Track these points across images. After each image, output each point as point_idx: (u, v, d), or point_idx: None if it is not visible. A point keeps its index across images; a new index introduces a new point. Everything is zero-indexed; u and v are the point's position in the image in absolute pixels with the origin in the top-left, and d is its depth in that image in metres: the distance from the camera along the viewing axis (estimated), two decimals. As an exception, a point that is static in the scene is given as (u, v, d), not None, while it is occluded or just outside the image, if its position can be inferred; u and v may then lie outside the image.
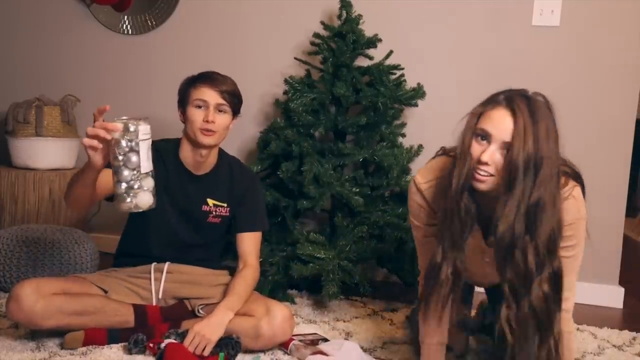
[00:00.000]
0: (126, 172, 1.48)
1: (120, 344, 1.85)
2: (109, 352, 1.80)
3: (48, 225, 2.48)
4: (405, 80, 2.64)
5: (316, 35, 2.62)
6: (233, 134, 2.96)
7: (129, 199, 1.49)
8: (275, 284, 2.37)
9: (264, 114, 2.97)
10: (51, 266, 2.32)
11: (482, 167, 1.36)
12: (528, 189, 1.32)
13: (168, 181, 1.98)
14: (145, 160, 1.49)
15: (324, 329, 2.14)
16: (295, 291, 2.52)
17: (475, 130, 1.39)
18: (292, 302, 2.39)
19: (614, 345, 2.17)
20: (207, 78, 1.96)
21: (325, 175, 2.38)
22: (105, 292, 1.92)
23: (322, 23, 2.64)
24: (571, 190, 1.46)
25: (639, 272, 3.41)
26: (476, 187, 1.40)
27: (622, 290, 2.74)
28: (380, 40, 2.63)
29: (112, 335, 1.86)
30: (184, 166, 2.00)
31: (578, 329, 2.32)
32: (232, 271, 2.08)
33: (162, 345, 1.74)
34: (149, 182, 1.51)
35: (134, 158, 1.48)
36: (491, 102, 1.42)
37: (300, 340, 1.88)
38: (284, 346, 1.88)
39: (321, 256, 2.27)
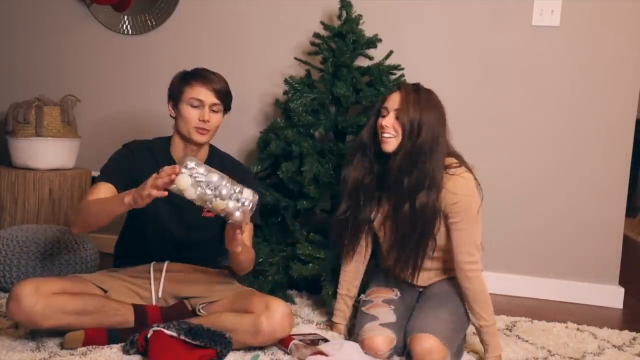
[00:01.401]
0: (224, 191, 1.60)
1: (120, 344, 1.85)
2: (109, 352, 1.80)
3: (48, 225, 2.48)
4: (405, 80, 2.64)
5: (316, 35, 2.61)
6: (233, 134, 2.97)
7: (238, 209, 1.62)
8: (275, 284, 2.37)
9: (264, 114, 2.97)
10: (51, 266, 2.32)
11: (385, 131, 1.85)
12: (412, 138, 1.82)
13: None
14: (216, 175, 1.62)
15: (323, 329, 2.14)
16: (295, 291, 2.52)
17: (378, 109, 1.92)
18: (292, 302, 2.39)
19: (614, 345, 2.17)
20: (202, 77, 1.97)
21: (325, 175, 2.38)
22: (105, 292, 1.92)
23: (322, 23, 2.64)
24: (462, 172, 1.86)
25: (639, 272, 3.41)
26: (385, 149, 1.87)
27: (622, 290, 2.75)
28: (380, 40, 2.63)
29: (112, 335, 1.86)
30: (176, 163, 1.99)
31: (578, 329, 2.32)
32: (232, 271, 2.08)
33: (149, 335, 1.75)
34: (235, 185, 1.64)
35: (214, 177, 1.60)
36: (390, 92, 1.94)
37: (300, 340, 1.88)
38: (284, 346, 1.88)
39: (321, 256, 2.27)
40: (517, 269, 2.81)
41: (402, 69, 2.64)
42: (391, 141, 1.85)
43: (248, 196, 1.65)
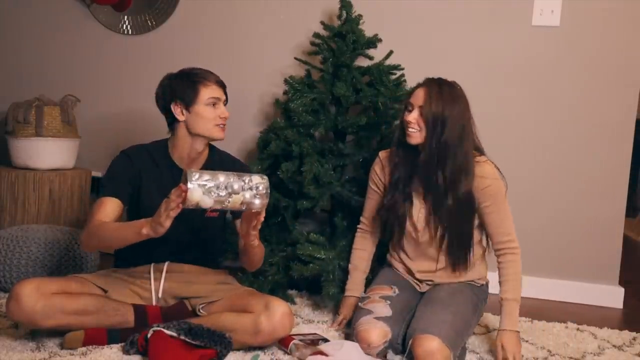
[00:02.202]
0: (236, 185, 1.63)
1: (120, 344, 1.85)
2: (109, 352, 1.80)
3: (48, 225, 2.48)
4: (405, 80, 2.64)
5: (316, 35, 2.62)
6: (233, 134, 2.96)
7: (255, 192, 1.65)
8: (275, 284, 2.37)
9: (264, 114, 2.97)
10: (51, 266, 2.32)
11: (410, 126, 1.93)
12: (437, 136, 1.89)
13: (162, 181, 1.98)
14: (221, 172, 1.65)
15: (323, 329, 2.14)
16: (295, 291, 2.52)
17: (405, 104, 1.98)
18: (292, 302, 2.39)
19: (614, 345, 2.17)
20: (208, 75, 2.00)
21: (325, 176, 2.38)
22: (105, 292, 1.92)
23: (322, 23, 2.64)
24: (485, 159, 2.00)
25: (639, 272, 3.41)
26: (410, 142, 1.94)
27: (622, 290, 2.74)
28: (380, 40, 2.63)
29: (112, 335, 1.86)
30: (177, 165, 2.01)
31: (578, 329, 2.32)
32: (231, 271, 2.08)
33: (148, 335, 1.75)
34: (244, 180, 1.67)
35: (221, 177, 1.62)
36: (416, 85, 2.01)
37: (300, 340, 1.88)
38: (284, 345, 1.88)
39: (321, 256, 2.27)
40: (517, 269, 2.81)
41: (402, 69, 2.64)
42: (415, 135, 1.92)
43: (259, 181, 1.67)
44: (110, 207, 1.91)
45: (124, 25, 3.14)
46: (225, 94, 2.03)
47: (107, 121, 3.16)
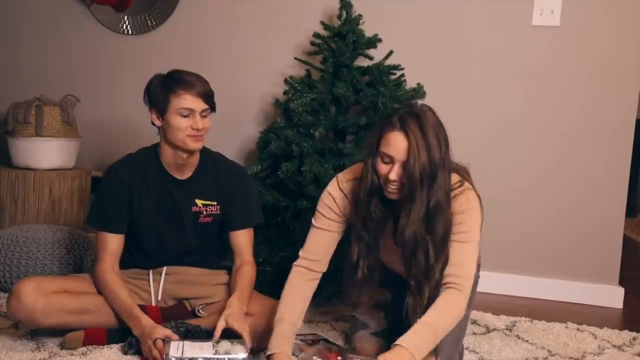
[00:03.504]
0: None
1: (119, 344, 1.85)
2: (109, 352, 1.80)
3: (48, 225, 2.48)
4: (405, 80, 2.64)
5: (316, 35, 2.61)
6: (233, 134, 2.97)
7: None
8: (275, 284, 2.37)
9: (264, 114, 2.97)
10: (51, 266, 2.32)
11: (391, 184, 1.60)
12: (425, 196, 1.58)
13: (152, 189, 1.95)
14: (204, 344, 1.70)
15: (323, 329, 2.14)
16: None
17: (379, 154, 1.62)
18: (292, 302, 2.39)
19: (614, 345, 2.17)
20: (186, 83, 1.85)
21: (325, 176, 2.38)
22: (105, 292, 1.92)
23: (322, 23, 2.64)
24: (460, 185, 1.68)
25: (639, 272, 3.41)
26: (391, 198, 1.63)
27: (622, 290, 2.74)
28: (380, 40, 2.63)
29: (112, 335, 1.86)
30: (167, 172, 1.96)
31: (578, 329, 2.32)
32: (231, 271, 2.08)
33: None
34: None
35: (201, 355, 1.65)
36: (387, 125, 1.61)
37: (301, 340, 1.88)
38: (284, 346, 1.88)
39: (321, 256, 2.26)
40: (517, 269, 2.81)
41: (402, 69, 2.64)
42: (397, 192, 1.62)
43: (234, 354, 1.66)
44: (114, 244, 1.92)
45: (124, 25, 3.14)
46: (209, 103, 1.88)
47: (107, 121, 3.16)
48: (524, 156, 2.78)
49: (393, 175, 1.59)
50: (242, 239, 2.02)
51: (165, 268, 2.00)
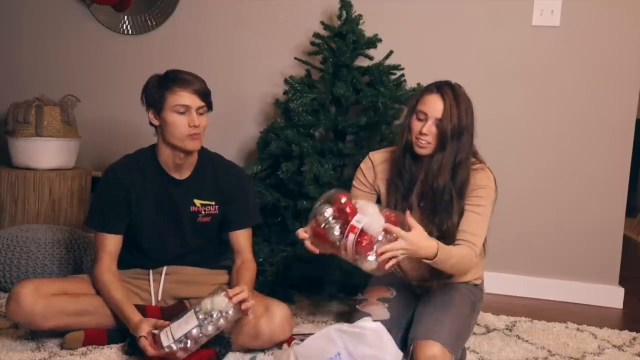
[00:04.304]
0: (195, 331, 1.67)
1: (119, 344, 1.85)
2: (109, 352, 1.80)
3: (48, 225, 2.48)
4: (405, 80, 2.64)
5: (316, 35, 2.62)
6: (233, 134, 2.98)
7: (173, 345, 1.66)
8: (275, 284, 2.37)
9: (264, 114, 2.97)
10: (51, 266, 2.32)
11: (423, 137, 1.83)
12: (454, 151, 1.82)
13: (150, 189, 1.95)
14: (212, 333, 1.70)
15: (323, 329, 2.13)
16: (295, 291, 2.52)
17: (415, 111, 1.86)
18: (292, 302, 2.39)
19: (614, 345, 2.17)
20: (182, 80, 1.87)
21: (325, 175, 2.38)
22: (105, 292, 1.92)
23: (322, 23, 2.64)
24: (483, 166, 1.92)
25: (639, 272, 3.41)
26: (419, 153, 1.85)
27: (622, 290, 2.74)
28: (380, 40, 2.63)
29: (112, 335, 1.86)
30: (166, 171, 1.96)
31: (578, 329, 2.32)
32: (231, 270, 2.08)
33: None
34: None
35: (210, 329, 1.68)
36: (426, 90, 1.90)
37: (301, 340, 1.88)
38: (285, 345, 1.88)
39: (320, 256, 2.26)
40: (517, 269, 2.81)
41: (402, 69, 2.64)
42: (428, 147, 1.83)
43: (218, 307, 1.69)
44: (112, 245, 1.91)
45: (124, 25, 3.14)
46: (205, 101, 1.89)
47: (107, 121, 3.16)
48: (524, 156, 2.78)
49: (425, 129, 1.81)
50: (242, 239, 2.03)
51: (165, 268, 1.99)
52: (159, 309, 1.93)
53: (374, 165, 2.00)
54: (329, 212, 1.66)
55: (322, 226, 1.66)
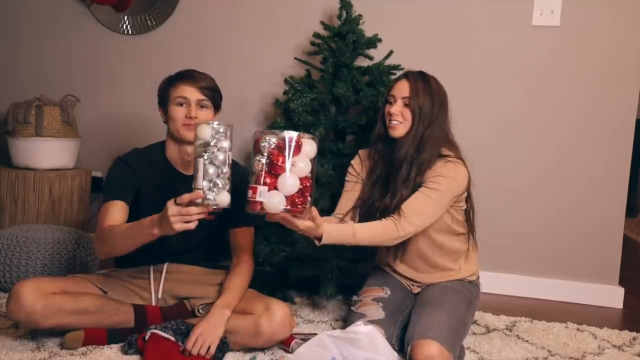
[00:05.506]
0: (212, 170, 1.56)
1: (119, 344, 1.85)
2: (109, 352, 1.80)
3: (48, 225, 2.48)
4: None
5: (316, 35, 2.61)
6: (233, 133, 2.96)
7: (210, 196, 1.56)
8: (274, 284, 2.37)
9: (264, 114, 2.97)
10: (51, 266, 2.32)
11: (393, 118, 1.93)
12: (422, 128, 1.91)
13: (158, 183, 1.97)
14: (228, 160, 1.58)
15: (323, 329, 2.14)
16: (295, 291, 2.52)
17: (386, 98, 1.98)
18: (292, 302, 2.39)
19: (614, 345, 2.17)
20: (186, 76, 1.95)
21: (325, 175, 2.38)
22: (105, 292, 1.92)
23: (322, 23, 2.64)
24: (457, 161, 1.94)
25: (639, 272, 3.41)
26: (392, 135, 1.94)
27: (622, 290, 2.74)
28: (380, 40, 2.63)
29: (112, 335, 1.86)
30: (173, 167, 2.00)
31: (578, 329, 2.32)
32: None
33: (146, 337, 1.76)
34: (229, 184, 1.59)
35: (220, 156, 1.57)
36: (395, 78, 2.03)
37: (302, 339, 1.88)
38: (285, 345, 1.88)
39: (321, 256, 2.27)
40: (517, 269, 2.81)
41: (402, 69, 2.64)
42: (399, 127, 1.93)
43: (222, 197, 1.59)
44: (116, 211, 1.87)
45: (124, 25, 3.14)
46: (206, 95, 1.93)
47: (107, 121, 3.16)
48: (524, 156, 2.78)
49: (394, 109, 1.92)
50: (242, 237, 2.03)
51: (166, 265, 2.00)
52: (159, 309, 1.93)
53: (362, 160, 2.12)
54: (272, 141, 1.60)
55: (259, 146, 1.60)
